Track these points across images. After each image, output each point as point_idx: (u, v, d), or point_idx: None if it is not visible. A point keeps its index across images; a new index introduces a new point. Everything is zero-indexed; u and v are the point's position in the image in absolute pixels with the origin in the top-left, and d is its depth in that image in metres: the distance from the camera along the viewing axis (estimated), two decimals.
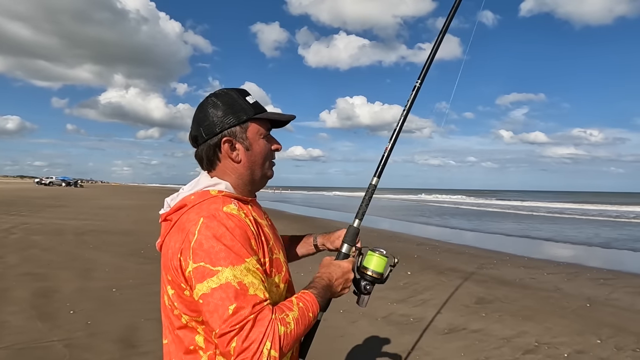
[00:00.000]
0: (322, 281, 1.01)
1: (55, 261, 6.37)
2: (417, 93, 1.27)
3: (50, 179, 61.15)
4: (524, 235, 13.66)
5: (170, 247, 0.90)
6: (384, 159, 1.23)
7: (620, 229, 16.12)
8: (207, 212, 0.87)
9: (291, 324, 0.83)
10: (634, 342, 3.78)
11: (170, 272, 0.89)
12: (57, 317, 3.88)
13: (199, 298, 0.82)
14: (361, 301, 1.14)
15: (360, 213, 1.18)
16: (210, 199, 0.92)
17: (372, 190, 1.21)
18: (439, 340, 3.74)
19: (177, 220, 0.92)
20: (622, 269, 7.63)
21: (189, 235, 0.85)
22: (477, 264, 7.62)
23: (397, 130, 1.25)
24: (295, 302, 0.89)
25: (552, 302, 5.12)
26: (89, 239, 8.66)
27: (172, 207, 0.95)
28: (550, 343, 3.72)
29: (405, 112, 1.26)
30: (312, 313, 0.90)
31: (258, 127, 1.00)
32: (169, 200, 0.99)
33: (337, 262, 1.09)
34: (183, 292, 0.88)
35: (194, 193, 0.95)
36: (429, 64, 1.28)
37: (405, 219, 19.69)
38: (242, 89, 1.03)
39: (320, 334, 1.10)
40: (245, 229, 0.88)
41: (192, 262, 0.83)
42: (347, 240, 1.16)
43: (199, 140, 0.99)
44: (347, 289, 1.08)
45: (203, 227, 0.85)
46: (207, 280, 0.81)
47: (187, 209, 0.92)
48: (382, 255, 1.13)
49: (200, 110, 1.00)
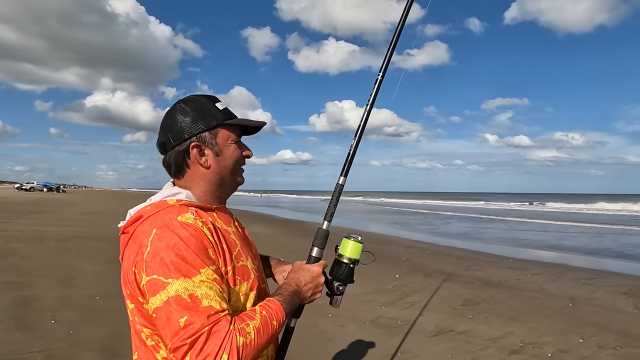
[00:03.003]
0: (290, 287, 0.98)
1: (36, 269, 6.18)
2: (379, 86, 1.21)
3: (32, 184, 59.47)
4: (509, 236, 13.91)
5: (126, 260, 0.88)
6: (349, 157, 1.17)
7: (602, 230, 16.57)
8: (160, 222, 0.85)
9: (251, 334, 0.80)
10: (615, 341, 3.88)
11: (127, 287, 0.87)
12: (38, 327, 3.77)
13: (152, 312, 0.80)
14: (334, 302, 1.12)
15: (329, 214, 1.14)
16: (166, 208, 0.90)
17: (340, 190, 1.16)
18: (426, 342, 3.77)
19: (133, 232, 0.90)
20: (603, 269, 7.84)
21: (142, 248, 0.83)
22: (464, 265, 7.72)
23: (361, 126, 1.20)
24: (258, 310, 0.87)
25: (537, 303, 5.22)
26: (71, 246, 8.44)
27: (129, 219, 0.93)
28: (535, 343, 3.79)
29: (369, 107, 1.21)
30: (277, 321, 0.88)
31: (228, 133, 0.98)
32: (131, 212, 0.96)
33: (306, 266, 1.07)
34: (142, 306, 0.86)
35: (151, 204, 0.93)
36: (389, 56, 1.23)
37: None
38: (211, 96, 1.01)
39: (308, 338, 1.10)
40: (202, 238, 0.85)
41: (145, 275, 0.81)
42: (317, 243, 1.12)
43: (167, 146, 0.97)
44: (318, 294, 1.05)
45: (155, 239, 0.82)
46: (159, 293, 0.78)
47: (142, 220, 0.89)
48: (358, 241, 1.11)
49: (168, 116, 0.98)
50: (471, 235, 14.36)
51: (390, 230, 15.28)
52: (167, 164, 0.99)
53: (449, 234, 14.53)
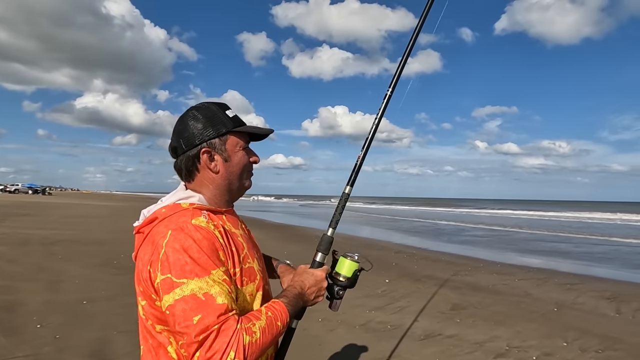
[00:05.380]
0: (294, 290, 1.02)
1: (21, 273, 6.06)
2: (388, 100, 1.25)
3: (16, 186, 58.13)
4: (497, 241, 14.10)
5: (141, 259, 0.93)
6: (356, 168, 1.23)
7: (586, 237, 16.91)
8: (175, 225, 0.90)
9: (257, 334, 0.84)
10: (597, 344, 3.98)
11: (141, 284, 0.92)
12: (23, 331, 3.70)
13: (166, 309, 0.84)
14: (334, 306, 1.16)
15: (334, 222, 1.18)
16: (181, 211, 0.94)
17: (346, 199, 1.20)
18: (415, 346, 3.82)
19: (149, 232, 0.94)
20: (587, 274, 8.02)
21: (158, 248, 0.88)
22: (453, 270, 7.81)
23: (369, 138, 1.24)
24: (264, 311, 0.91)
25: (523, 307, 5.32)
26: (57, 250, 8.29)
27: (145, 220, 0.97)
28: (520, 347, 3.87)
29: (377, 120, 1.25)
30: (281, 322, 0.92)
31: (237, 139, 1.03)
32: (145, 212, 1.00)
33: (311, 270, 1.11)
34: (154, 303, 0.90)
35: (165, 206, 0.97)
36: (399, 72, 1.26)
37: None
38: (222, 103, 1.06)
39: (298, 342, 1.13)
40: (214, 240, 0.90)
41: (159, 274, 0.86)
42: (321, 248, 1.16)
43: (178, 151, 1.02)
44: (320, 297, 1.10)
45: (171, 240, 0.87)
46: (173, 292, 0.83)
47: (158, 221, 0.94)
48: (354, 261, 1.16)
49: (180, 122, 1.03)
50: (460, 240, 14.52)
51: (381, 235, 15.37)
52: (178, 168, 1.04)
53: (439, 240, 14.66)
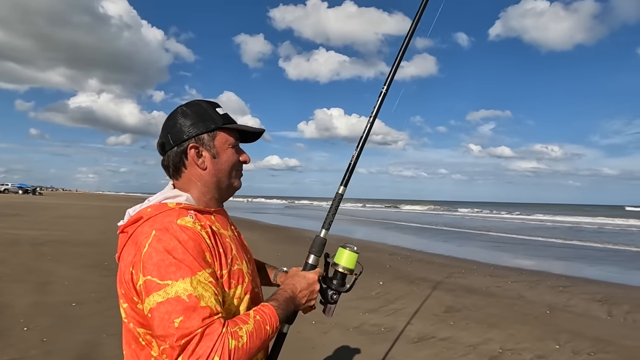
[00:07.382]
0: (285, 293, 0.99)
1: (8, 274, 5.94)
2: (383, 98, 1.22)
3: (6, 185, 57.19)
4: (491, 244, 14.18)
5: (124, 260, 0.89)
6: (351, 167, 1.20)
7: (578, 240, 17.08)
8: (160, 225, 0.86)
9: (244, 338, 0.81)
10: (589, 347, 4.00)
11: (123, 286, 0.88)
12: (10, 334, 3.62)
13: (148, 312, 0.81)
14: (328, 310, 1.12)
15: (327, 223, 1.15)
16: (166, 211, 0.91)
17: (339, 199, 1.17)
18: (409, 349, 3.80)
19: (133, 232, 0.91)
20: (579, 276, 8.08)
21: (141, 248, 0.84)
22: (447, 273, 7.83)
23: (363, 137, 1.21)
24: (252, 314, 0.87)
25: (516, 310, 5.34)
26: (47, 250, 8.16)
27: (129, 219, 0.94)
28: (513, 349, 3.87)
29: (372, 118, 1.22)
30: (271, 326, 0.88)
31: (226, 136, 1.01)
32: (130, 211, 0.97)
33: (302, 273, 1.08)
34: (136, 306, 0.86)
35: (151, 205, 0.94)
36: (394, 70, 1.24)
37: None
38: (212, 101, 1.04)
39: (290, 345, 1.10)
40: (200, 241, 0.86)
41: (142, 275, 0.82)
42: (314, 250, 1.12)
43: (166, 147, 0.99)
44: (312, 301, 1.06)
45: (154, 241, 0.84)
46: (154, 294, 0.80)
47: (142, 221, 0.91)
48: (353, 251, 1.12)
49: (169, 118, 1.01)
50: (454, 243, 14.58)
51: (375, 237, 15.37)
52: (166, 165, 1.01)
53: (433, 242, 14.71)
